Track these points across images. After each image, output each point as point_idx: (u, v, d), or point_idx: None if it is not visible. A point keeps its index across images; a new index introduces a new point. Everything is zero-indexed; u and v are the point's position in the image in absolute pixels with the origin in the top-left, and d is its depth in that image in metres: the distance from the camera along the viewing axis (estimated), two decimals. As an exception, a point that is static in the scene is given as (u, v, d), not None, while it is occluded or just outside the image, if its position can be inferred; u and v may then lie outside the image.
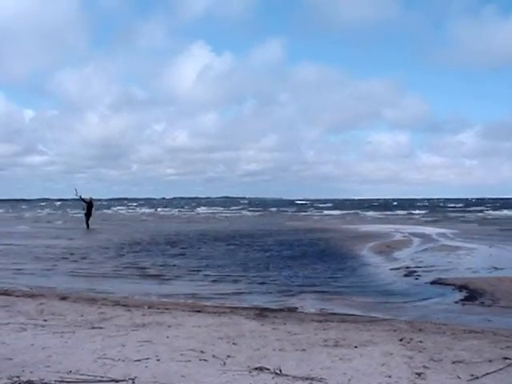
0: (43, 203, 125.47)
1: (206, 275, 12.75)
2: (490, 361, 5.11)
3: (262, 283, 11.53)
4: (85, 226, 30.98)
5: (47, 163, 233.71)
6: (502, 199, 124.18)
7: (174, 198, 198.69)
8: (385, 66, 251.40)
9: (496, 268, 13.25)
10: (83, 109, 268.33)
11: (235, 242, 21.88)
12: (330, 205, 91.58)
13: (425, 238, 23.17)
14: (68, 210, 75.70)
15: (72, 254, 17.42)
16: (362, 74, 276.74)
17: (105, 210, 76.08)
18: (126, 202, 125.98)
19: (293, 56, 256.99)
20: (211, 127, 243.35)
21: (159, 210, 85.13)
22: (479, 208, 73.14)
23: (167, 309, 8.18)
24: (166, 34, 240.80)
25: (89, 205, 30.93)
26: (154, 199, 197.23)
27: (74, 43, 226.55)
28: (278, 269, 13.78)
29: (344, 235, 25.41)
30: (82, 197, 30.89)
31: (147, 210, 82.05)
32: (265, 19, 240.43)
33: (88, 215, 31.06)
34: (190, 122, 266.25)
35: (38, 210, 79.89)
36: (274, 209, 78.96)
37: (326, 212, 65.43)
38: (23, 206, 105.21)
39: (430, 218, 46.05)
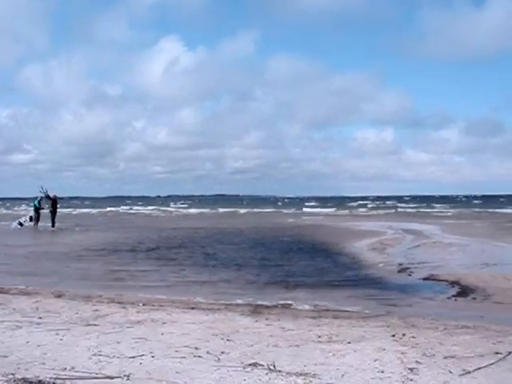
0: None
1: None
2: (482, 356, 5.18)
3: (255, 279, 11.57)
4: (50, 224, 30.29)
5: (33, 162, 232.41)
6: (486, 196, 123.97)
7: (169, 196, 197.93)
8: (360, 58, 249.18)
9: (488, 264, 13.33)
10: (55, 106, 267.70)
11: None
12: (316, 203, 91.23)
13: (417, 234, 23.27)
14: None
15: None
16: (337, 67, 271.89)
17: (110, 208, 74.34)
18: (128, 201, 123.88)
19: (264, 48, 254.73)
20: (190, 124, 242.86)
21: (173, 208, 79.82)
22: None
23: (162, 306, 8.20)
24: (128, 26, 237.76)
25: (53, 202, 30.72)
26: (149, 197, 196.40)
27: (32, 38, 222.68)
28: (270, 266, 13.82)
29: (336, 232, 25.51)
30: (48, 194, 30.66)
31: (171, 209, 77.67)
32: (231, 10, 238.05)
33: (53, 213, 30.72)
34: (167, 119, 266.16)
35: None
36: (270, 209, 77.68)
37: (317, 210, 65.37)
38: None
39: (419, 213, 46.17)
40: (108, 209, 73.96)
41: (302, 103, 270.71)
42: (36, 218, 30.87)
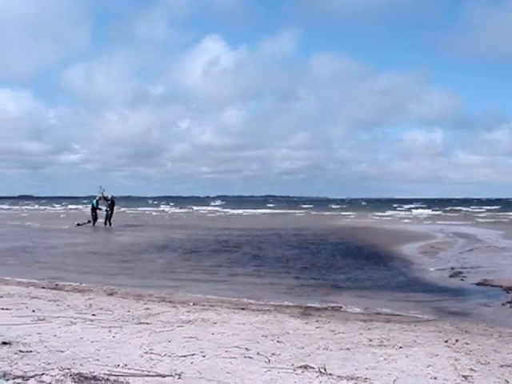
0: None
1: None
2: (540, 365, 5.02)
3: (304, 281, 11.53)
4: (102, 223, 31.07)
5: (82, 161, 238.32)
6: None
7: (218, 197, 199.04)
8: (405, 56, 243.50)
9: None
10: (99, 106, 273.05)
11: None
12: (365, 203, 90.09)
13: (469, 237, 22.78)
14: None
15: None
16: (381, 65, 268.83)
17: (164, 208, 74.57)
18: (170, 200, 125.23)
19: (306, 47, 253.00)
20: (234, 124, 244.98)
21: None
22: None
23: (212, 306, 8.26)
24: (167, 25, 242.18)
25: (111, 202, 31.33)
26: (199, 197, 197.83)
27: (74, 39, 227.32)
28: (321, 268, 13.76)
29: (386, 235, 25.20)
30: (105, 194, 31.33)
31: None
32: (272, 8, 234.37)
33: (110, 213, 31.29)
34: (210, 119, 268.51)
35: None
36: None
37: (372, 213, 64.71)
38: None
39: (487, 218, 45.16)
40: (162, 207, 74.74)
41: (347, 103, 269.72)
42: (94, 217, 31.50)
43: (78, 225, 31.27)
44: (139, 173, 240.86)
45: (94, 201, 31.49)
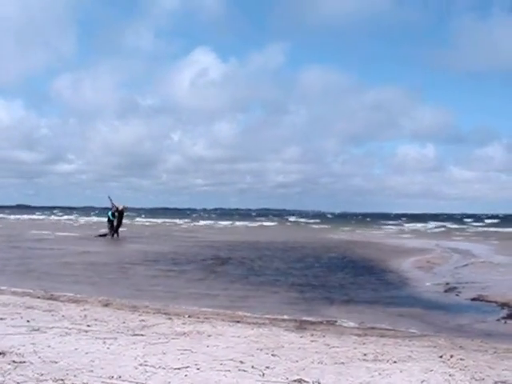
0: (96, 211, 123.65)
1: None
2: (534, 381, 5.03)
3: (299, 294, 11.53)
4: (107, 234, 31.15)
5: (76, 172, 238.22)
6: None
7: (215, 209, 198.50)
8: (394, 71, 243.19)
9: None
10: (90, 116, 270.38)
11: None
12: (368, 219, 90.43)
13: (464, 253, 22.79)
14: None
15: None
16: (371, 79, 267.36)
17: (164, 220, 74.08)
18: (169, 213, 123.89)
19: (296, 61, 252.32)
20: (225, 137, 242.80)
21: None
22: None
23: (207, 318, 8.24)
24: (156, 37, 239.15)
25: (120, 213, 31.36)
26: (195, 210, 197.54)
27: (61, 46, 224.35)
28: (315, 282, 13.76)
29: (382, 249, 25.20)
30: (116, 205, 31.41)
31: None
32: (260, 21, 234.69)
33: (119, 223, 31.41)
34: (201, 131, 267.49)
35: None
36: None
37: (376, 228, 64.76)
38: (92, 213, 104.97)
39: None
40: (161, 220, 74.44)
41: (337, 117, 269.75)
42: (110, 227, 31.45)
43: (101, 236, 31.29)
44: (134, 184, 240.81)
45: (110, 212, 31.48)
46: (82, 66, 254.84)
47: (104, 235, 31.14)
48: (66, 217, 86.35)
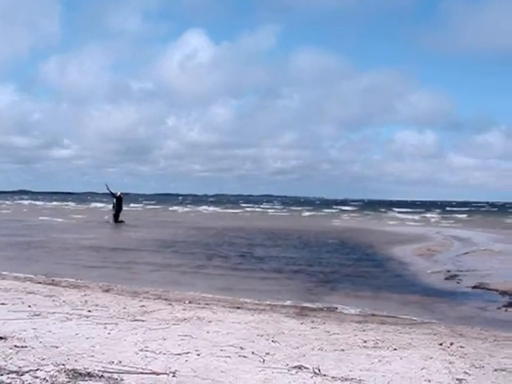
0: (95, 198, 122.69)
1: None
2: (534, 369, 5.03)
3: (300, 281, 11.54)
4: (109, 219, 31.97)
5: (74, 157, 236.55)
6: None
7: (217, 195, 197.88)
8: (389, 53, 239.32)
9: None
10: (81, 100, 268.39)
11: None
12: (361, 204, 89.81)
13: (465, 241, 22.77)
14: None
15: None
16: (365, 62, 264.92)
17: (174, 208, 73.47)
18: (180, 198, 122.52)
19: (288, 44, 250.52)
20: (222, 122, 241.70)
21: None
22: None
23: (207, 304, 8.26)
24: (144, 18, 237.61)
25: (118, 199, 31.57)
26: (196, 195, 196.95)
27: (45, 27, 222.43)
28: (316, 268, 13.77)
29: (383, 237, 25.19)
30: (113, 192, 31.92)
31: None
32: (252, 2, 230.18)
33: (118, 209, 31.76)
34: (195, 116, 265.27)
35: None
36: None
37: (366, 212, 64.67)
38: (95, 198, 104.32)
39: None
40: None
41: (332, 101, 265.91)
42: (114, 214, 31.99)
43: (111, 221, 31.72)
44: (133, 170, 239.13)
45: (115, 199, 31.87)
46: (68, 48, 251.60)
47: (115, 220, 31.64)
48: (71, 203, 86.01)
